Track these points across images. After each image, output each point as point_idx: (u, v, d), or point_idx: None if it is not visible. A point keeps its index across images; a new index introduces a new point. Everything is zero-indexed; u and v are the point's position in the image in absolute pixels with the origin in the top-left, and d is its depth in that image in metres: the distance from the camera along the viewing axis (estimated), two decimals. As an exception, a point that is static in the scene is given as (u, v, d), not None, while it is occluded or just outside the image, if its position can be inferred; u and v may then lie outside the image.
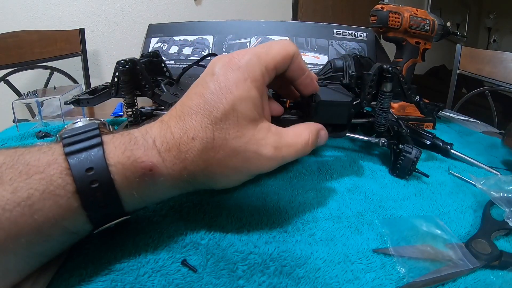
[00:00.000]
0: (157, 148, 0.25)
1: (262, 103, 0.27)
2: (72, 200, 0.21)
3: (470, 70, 1.24)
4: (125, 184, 0.23)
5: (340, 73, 0.48)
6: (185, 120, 0.25)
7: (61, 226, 0.22)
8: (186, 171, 0.25)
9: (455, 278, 0.25)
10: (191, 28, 0.87)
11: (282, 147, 0.27)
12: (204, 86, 0.26)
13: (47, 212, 0.21)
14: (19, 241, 0.20)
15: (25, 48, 1.23)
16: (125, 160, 0.23)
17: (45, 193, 0.21)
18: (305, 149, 0.29)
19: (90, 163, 0.22)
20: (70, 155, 0.22)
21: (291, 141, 0.28)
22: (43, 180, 0.21)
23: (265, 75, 0.27)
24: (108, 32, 1.62)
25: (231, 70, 0.26)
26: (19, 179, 0.21)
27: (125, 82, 0.46)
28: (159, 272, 0.25)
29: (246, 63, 0.26)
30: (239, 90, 0.25)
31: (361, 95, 0.40)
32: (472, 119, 0.72)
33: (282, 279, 0.25)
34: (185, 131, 0.25)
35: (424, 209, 0.34)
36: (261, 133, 0.26)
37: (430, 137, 0.46)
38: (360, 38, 0.85)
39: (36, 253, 0.22)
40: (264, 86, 0.27)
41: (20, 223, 0.20)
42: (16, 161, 0.21)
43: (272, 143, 0.26)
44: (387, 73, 0.39)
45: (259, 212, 0.32)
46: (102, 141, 0.23)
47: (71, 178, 0.21)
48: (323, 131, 0.31)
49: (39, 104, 0.59)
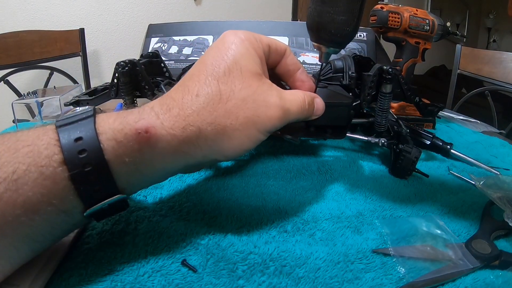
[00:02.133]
0: (155, 112, 0.24)
1: (262, 66, 0.28)
2: (59, 171, 0.21)
3: (470, 70, 1.24)
4: (117, 151, 0.22)
5: (340, 74, 0.48)
6: (187, 84, 0.26)
7: (48, 202, 0.21)
8: (190, 127, 0.24)
9: (455, 278, 0.25)
10: (191, 28, 0.87)
11: (285, 99, 0.27)
12: (205, 56, 0.27)
13: (32, 185, 0.20)
14: (5, 220, 0.19)
15: (25, 48, 1.23)
16: (116, 125, 0.23)
17: (30, 165, 0.20)
18: (303, 105, 0.29)
19: (80, 133, 0.21)
20: (61, 127, 0.22)
21: (291, 95, 0.28)
22: (31, 152, 0.20)
23: (259, 44, 0.28)
24: (108, 32, 1.62)
25: (227, 36, 0.27)
26: (7, 154, 0.20)
27: (124, 84, 0.46)
28: (159, 272, 0.25)
29: (241, 32, 0.27)
30: (238, 47, 0.26)
31: (360, 96, 0.40)
32: (472, 119, 0.72)
33: (282, 279, 0.25)
34: (188, 91, 0.25)
35: (424, 209, 0.34)
36: (266, 85, 0.27)
37: (430, 137, 0.46)
38: (360, 38, 0.85)
39: (25, 236, 0.21)
40: (261, 51, 0.28)
41: (5, 199, 0.19)
42: (7, 139, 0.21)
43: (276, 94, 0.27)
44: (387, 74, 0.39)
45: (259, 212, 0.32)
46: (94, 114, 0.23)
47: (59, 148, 0.21)
48: (319, 99, 0.31)
49: (39, 104, 0.59)
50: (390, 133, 0.43)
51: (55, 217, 0.21)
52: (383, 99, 0.40)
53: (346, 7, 0.27)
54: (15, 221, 0.20)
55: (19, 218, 0.20)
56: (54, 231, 0.22)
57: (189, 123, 0.24)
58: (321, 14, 0.28)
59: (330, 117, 0.33)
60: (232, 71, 0.25)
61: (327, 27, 0.28)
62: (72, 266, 0.25)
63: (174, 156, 0.25)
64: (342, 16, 0.27)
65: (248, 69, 0.26)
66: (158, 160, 0.24)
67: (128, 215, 0.31)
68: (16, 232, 0.20)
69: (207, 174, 0.39)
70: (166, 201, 0.33)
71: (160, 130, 0.23)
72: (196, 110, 0.24)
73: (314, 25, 0.29)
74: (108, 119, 0.23)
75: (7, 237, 0.20)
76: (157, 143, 0.23)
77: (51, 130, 0.22)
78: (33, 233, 0.21)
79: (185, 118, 0.24)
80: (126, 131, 0.22)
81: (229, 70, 0.25)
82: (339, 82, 0.46)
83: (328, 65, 0.50)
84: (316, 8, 0.28)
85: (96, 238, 0.28)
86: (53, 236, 0.23)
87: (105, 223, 0.29)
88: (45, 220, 0.21)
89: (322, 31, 0.28)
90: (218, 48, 0.27)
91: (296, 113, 0.28)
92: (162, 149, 0.24)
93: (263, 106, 0.26)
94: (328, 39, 0.29)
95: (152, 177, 0.26)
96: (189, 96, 0.25)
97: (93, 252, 0.26)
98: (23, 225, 0.20)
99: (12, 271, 0.22)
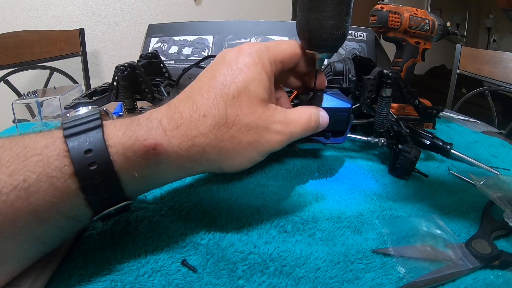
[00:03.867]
0: (162, 127, 0.24)
1: (270, 89, 0.29)
2: (70, 182, 0.21)
3: (470, 70, 1.24)
4: (126, 165, 0.23)
5: (340, 77, 0.48)
6: (195, 99, 0.26)
7: (58, 210, 0.21)
8: (196, 148, 0.25)
9: (455, 278, 0.25)
10: (191, 28, 0.87)
11: (289, 123, 0.28)
12: (215, 70, 0.27)
13: (43, 195, 0.20)
14: (16, 225, 0.20)
15: (25, 48, 1.23)
16: (125, 140, 0.23)
17: (41, 175, 0.20)
18: (309, 124, 0.30)
19: (89, 145, 0.22)
20: (69, 137, 0.22)
21: (295, 118, 0.29)
22: (40, 162, 0.21)
23: (272, 64, 0.29)
24: (108, 32, 1.62)
25: (242, 56, 0.27)
26: (17, 161, 0.20)
27: (124, 87, 0.46)
28: (159, 272, 0.25)
29: (256, 50, 0.28)
30: (251, 71, 0.27)
31: (360, 99, 0.40)
32: (472, 119, 0.72)
33: (282, 279, 0.25)
34: (196, 109, 0.25)
35: (424, 209, 0.34)
36: (270, 111, 0.28)
37: (430, 137, 0.46)
38: (360, 38, 0.85)
39: (34, 239, 0.21)
40: (272, 74, 0.29)
41: (16, 206, 0.20)
42: (15, 144, 0.21)
43: (279, 119, 0.28)
44: (387, 78, 0.39)
45: (259, 212, 0.32)
46: (102, 124, 0.23)
47: (69, 160, 0.21)
48: (323, 112, 0.32)
49: (39, 104, 0.59)
50: (390, 133, 0.43)
51: (64, 222, 0.22)
52: (383, 102, 0.40)
53: (333, 12, 0.27)
54: (25, 226, 0.20)
55: (29, 223, 0.20)
56: (62, 234, 0.23)
57: (195, 144, 0.25)
58: (309, 21, 0.28)
59: (330, 123, 0.34)
60: (241, 95, 0.26)
61: (317, 33, 0.28)
62: (72, 266, 0.25)
63: (178, 170, 0.26)
64: (331, 20, 0.27)
65: (256, 95, 0.27)
66: (163, 173, 0.26)
67: (128, 215, 0.31)
68: (26, 236, 0.21)
69: (207, 174, 0.39)
70: (166, 201, 0.33)
71: (167, 147, 0.24)
72: (202, 132, 0.25)
73: (305, 33, 0.29)
74: (117, 131, 0.23)
75: (17, 240, 0.21)
76: (163, 159, 0.24)
77: (59, 139, 0.22)
78: (42, 237, 0.22)
79: (191, 139, 0.25)
80: (135, 148, 0.23)
81: (238, 93, 0.26)
82: (338, 85, 0.46)
83: (328, 67, 0.50)
84: (304, 16, 0.28)
85: (96, 238, 0.28)
86: (61, 238, 0.23)
87: (105, 223, 0.29)
88: (54, 225, 0.22)
89: (313, 38, 0.29)
90: (230, 67, 0.27)
91: (300, 134, 0.30)
92: (167, 165, 0.25)
93: (265, 132, 0.27)
94: (319, 45, 0.29)
95: (157, 185, 0.28)
96: (197, 114, 0.25)
97: (93, 252, 0.26)
98: (33, 230, 0.21)
99: (21, 271, 0.22)
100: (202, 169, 0.27)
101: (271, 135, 0.27)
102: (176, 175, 0.27)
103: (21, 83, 1.36)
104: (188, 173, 0.27)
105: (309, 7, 0.27)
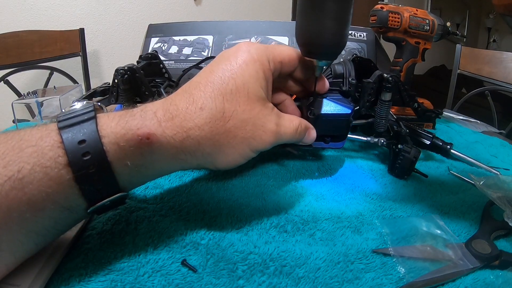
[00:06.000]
0: (157, 118, 0.24)
1: (267, 88, 0.29)
2: (63, 172, 0.21)
3: (470, 70, 1.24)
4: (119, 154, 0.23)
5: (340, 80, 0.48)
6: (192, 92, 0.26)
7: (53, 200, 0.21)
8: (190, 140, 0.25)
9: (455, 278, 0.25)
10: (191, 28, 0.87)
11: (281, 125, 0.29)
12: (214, 66, 0.27)
13: (37, 185, 0.21)
14: (11, 216, 0.20)
15: (25, 48, 1.23)
16: (118, 130, 0.23)
17: (35, 165, 0.21)
18: (295, 133, 0.31)
19: (83, 136, 0.22)
20: (63, 129, 0.22)
21: (287, 123, 0.30)
22: (35, 153, 0.21)
23: (271, 63, 0.29)
24: (108, 32, 1.62)
25: (241, 54, 0.28)
26: (11, 153, 0.21)
27: (124, 90, 0.46)
28: (159, 272, 0.25)
29: (255, 49, 0.28)
30: (249, 69, 0.27)
31: (360, 102, 0.40)
32: (472, 119, 0.72)
33: (282, 279, 0.25)
34: (192, 102, 0.25)
35: (424, 209, 0.34)
36: (267, 110, 0.28)
37: (430, 137, 0.46)
38: (360, 38, 0.85)
39: (29, 231, 0.21)
40: (270, 72, 0.29)
41: (11, 197, 0.20)
42: (10, 138, 0.21)
43: (274, 120, 0.29)
44: (387, 82, 0.39)
45: (259, 212, 0.32)
46: (95, 116, 0.23)
47: (63, 150, 0.21)
48: (312, 131, 0.33)
49: (39, 104, 0.59)
50: (390, 133, 0.43)
51: (59, 213, 0.22)
52: (383, 106, 0.40)
53: (332, 19, 0.27)
54: (20, 217, 0.20)
55: (24, 214, 0.20)
56: (57, 226, 0.23)
57: (189, 136, 0.25)
58: (308, 29, 0.28)
59: (330, 128, 0.34)
60: (239, 91, 0.26)
61: (316, 41, 0.28)
62: (72, 266, 0.25)
63: (171, 162, 0.26)
64: (329, 28, 0.27)
65: (254, 93, 0.27)
66: (157, 163, 0.25)
67: (128, 215, 0.31)
68: (21, 227, 0.21)
69: (207, 174, 0.39)
70: (166, 201, 0.33)
71: (160, 138, 0.24)
72: (198, 125, 0.25)
73: (305, 40, 0.29)
74: (110, 122, 0.23)
75: (12, 232, 0.21)
76: (157, 149, 0.24)
77: (54, 131, 0.22)
78: (38, 228, 0.22)
79: (186, 131, 0.25)
80: (128, 137, 0.23)
81: (236, 89, 0.26)
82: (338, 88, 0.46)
83: (329, 70, 0.50)
84: (303, 23, 0.28)
85: (96, 238, 0.28)
86: (56, 231, 0.23)
87: (105, 223, 0.29)
88: (49, 216, 0.22)
89: (312, 46, 0.29)
90: (229, 62, 0.27)
91: (288, 138, 0.30)
92: (160, 155, 0.25)
93: (260, 130, 0.27)
94: (318, 52, 0.29)
95: (151, 176, 0.27)
96: (193, 107, 0.25)
97: (93, 252, 0.26)
98: (28, 221, 0.21)
99: (17, 265, 0.22)
100: (196, 162, 0.27)
101: (266, 134, 0.28)
102: (170, 166, 0.27)
103: (21, 83, 1.36)
104: (182, 165, 0.27)
105: (309, 15, 0.27)
